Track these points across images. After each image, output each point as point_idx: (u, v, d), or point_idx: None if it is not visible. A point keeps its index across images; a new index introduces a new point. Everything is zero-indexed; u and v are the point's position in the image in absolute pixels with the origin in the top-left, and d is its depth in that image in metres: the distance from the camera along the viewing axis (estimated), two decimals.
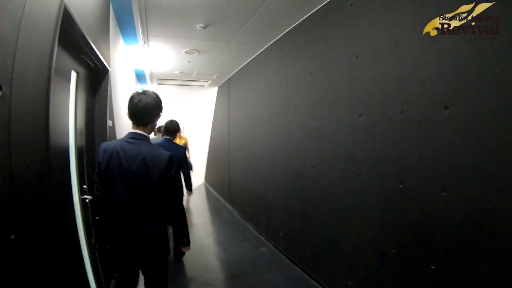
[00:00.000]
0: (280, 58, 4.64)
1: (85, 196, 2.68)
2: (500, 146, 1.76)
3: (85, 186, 2.73)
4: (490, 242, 1.80)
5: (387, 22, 2.57)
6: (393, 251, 2.52)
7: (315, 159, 3.66)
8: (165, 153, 2.08)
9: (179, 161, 4.06)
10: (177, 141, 5.15)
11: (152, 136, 3.98)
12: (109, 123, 3.33)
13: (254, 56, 5.79)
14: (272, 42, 4.91)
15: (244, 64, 6.47)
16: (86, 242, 2.64)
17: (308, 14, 3.78)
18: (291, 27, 4.25)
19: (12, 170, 1.22)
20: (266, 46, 5.19)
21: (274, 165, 4.85)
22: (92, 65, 2.93)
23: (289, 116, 4.31)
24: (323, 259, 3.53)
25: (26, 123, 1.39)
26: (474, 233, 1.89)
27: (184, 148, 4.59)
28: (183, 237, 2.31)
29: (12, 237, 1.18)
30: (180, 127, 4.61)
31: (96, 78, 3.16)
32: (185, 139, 5.75)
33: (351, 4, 3.01)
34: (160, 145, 3.98)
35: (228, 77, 7.71)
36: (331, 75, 3.34)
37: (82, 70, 2.76)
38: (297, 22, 4.06)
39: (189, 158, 5.66)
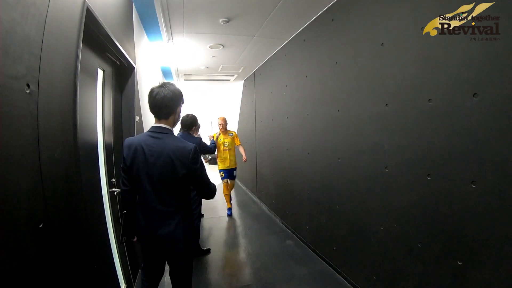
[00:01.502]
0: (304, 49, 4.62)
1: (114, 189, 2.79)
2: None
3: (113, 180, 2.84)
4: None
5: (412, 8, 2.49)
6: (420, 246, 2.47)
7: (341, 151, 3.63)
8: (190, 145, 2.09)
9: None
10: (222, 137, 6.39)
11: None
12: (136, 118, 3.44)
13: (279, 48, 5.77)
14: (296, 33, 4.88)
15: (269, 57, 6.46)
16: (114, 233, 2.75)
17: (331, 3, 3.73)
18: (314, 18, 4.21)
19: (40, 163, 1.30)
20: (290, 38, 5.17)
21: (300, 158, 4.85)
22: (118, 63, 3.02)
23: (315, 107, 4.29)
24: (349, 253, 3.51)
25: (54, 119, 1.47)
26: (504, 229, 1.82)
27: (200, 138, 4.73)
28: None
29: (41, 225, 1.26)
30: (198, 122, 4.66)
31: (122, 75, 3.26)
32: (234, 133, 6.33)
33: None
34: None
35: (254, 70, 7.73)
36: (356, 65, 3.29)
37: (108, 68, 2.86)
38: (320, 12, 4.01)
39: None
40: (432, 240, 2.36)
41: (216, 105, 14.88)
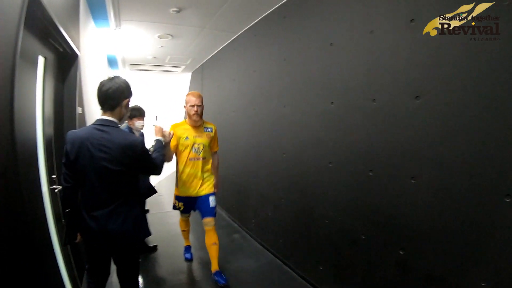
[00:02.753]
0: (254, 44, 4.61)
1: (55, 186, 2.59)
2: (468, 136, 1.81)
3: (54, 176, 2.64)
4: (459, 229, 1.87)
5: (363, 11, 2.58)
6: (363, 237, 2.59)
7: (286, 146, 3.69)
8: (137, 139, 2.11)
9: None
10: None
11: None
12: (79, 110, 3.22)
13: (228, 41, 5.72)
14: (247, 28, 4.86)
15: (218, 50, 6.39)
16: (56, 233, 2.57)
17: (284, 1, 3.75)
18: (266, 13, 4.21)
19: None
20: (240, 32, 5.14)
21: (246, 152, 4.88)
22: (61, 50, 2.81)
23: (262, 102, 4.32)
24: (295, 245, 3.58)
25: None
26: (442, 220, 1.95)
27: (141, 140, 4.40)
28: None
29: None
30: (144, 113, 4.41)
31: (65, 63, 3.04)
32: (213, 128, 5.02)
33: None
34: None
35: (202, 62, 7.61)
36: (305, 62, 3.35)
37: (50, 55, 2.64)
38: (273, 8, 4.01)
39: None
40: (374, 231, 2.49)
41: (162, 97, 14.50)
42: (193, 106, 3.37)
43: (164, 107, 14.37)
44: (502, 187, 1.66)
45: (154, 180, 4.57)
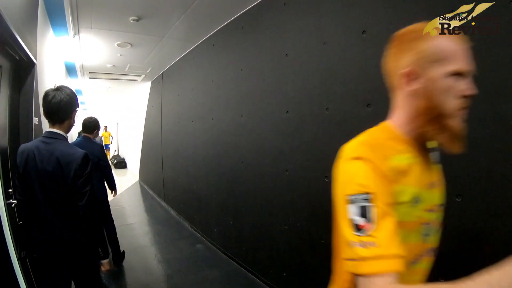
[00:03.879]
0: (212, 54, 4.65)
1: (11, 200, 2.48)
2: None
3: (10, 190, 2.52)
4: None
5: (316, 22, 2.70)
6: (323, 241, 2.67)
7: (244, 155, 3.74)
8: (80, 151, 2.02)
9: (97, 160, 3.84)
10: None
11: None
12: (35, 120, 3.10)
13: (188, 51, 5.73)
14: (206, 37, 4.90)
15: (177, 59, 6.37)
16: (15, 250, 2.45)
17: (243, 11, 3.83)
18: (225, 23, 4.28)
19: None
20: (199, 42, 5.17)
21: (206, 161, 4.89)
22: (17, 58, 2.70)
23: (220, 112, 4.36)
24: (258, 252, 3.62)
25: None
26: None
27: (101, 146, 4.34)
28: (97, 247, 2.13)
29: None
30: (100, 125, 4.38)
31: (21, 72, 2.92)
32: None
33: (284, 4, 3.09)
34: (76, 143, 3.80)
35: (162, 71, 7.55)
36: (261, 72, 3.43)
37: (5, 63, 2.54)
38: (231, 19, 4.09)
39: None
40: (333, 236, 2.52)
41: (123, 106, 14.19)
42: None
43: (124, 115, 14.08)
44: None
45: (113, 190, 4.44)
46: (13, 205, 2.46)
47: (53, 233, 1.98)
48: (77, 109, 2.15)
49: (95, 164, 3.70)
